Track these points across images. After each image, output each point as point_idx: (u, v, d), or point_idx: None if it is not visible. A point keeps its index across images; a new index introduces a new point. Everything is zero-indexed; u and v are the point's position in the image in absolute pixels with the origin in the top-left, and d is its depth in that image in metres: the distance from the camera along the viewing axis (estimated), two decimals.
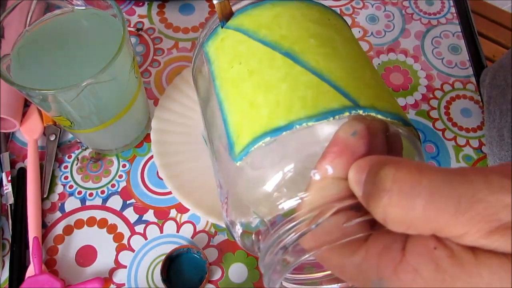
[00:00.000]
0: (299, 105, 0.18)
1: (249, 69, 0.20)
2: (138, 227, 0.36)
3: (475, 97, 0.43)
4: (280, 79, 0.19)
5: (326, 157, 0.17)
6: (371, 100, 0.18)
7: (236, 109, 0.20)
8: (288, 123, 0.18)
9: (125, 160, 0.39)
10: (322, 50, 0.20)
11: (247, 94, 0.20)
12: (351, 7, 0.49)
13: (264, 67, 0.20)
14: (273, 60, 0.20)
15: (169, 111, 0.39)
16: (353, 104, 0.18)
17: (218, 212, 0.34)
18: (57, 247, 0.35)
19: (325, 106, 0.18)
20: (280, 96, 0.19)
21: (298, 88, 0.18)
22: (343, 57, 0.20)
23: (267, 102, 0.19)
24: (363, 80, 0.20)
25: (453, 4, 0.49)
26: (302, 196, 0.18)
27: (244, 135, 0.19)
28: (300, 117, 0.18)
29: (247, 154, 0.19)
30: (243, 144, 0.19)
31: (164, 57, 0.45)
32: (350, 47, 0.22)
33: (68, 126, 0.33)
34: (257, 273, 0.35)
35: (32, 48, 0.31)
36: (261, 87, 0.19)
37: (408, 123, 0.20)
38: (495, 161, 0.38)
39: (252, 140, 0.18)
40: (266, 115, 0.19)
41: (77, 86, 0.27)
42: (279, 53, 0.20)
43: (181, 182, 0.35)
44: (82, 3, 0.33)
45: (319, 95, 0.18)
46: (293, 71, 0.19)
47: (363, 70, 0.21)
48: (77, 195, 0.37)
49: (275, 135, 0.18)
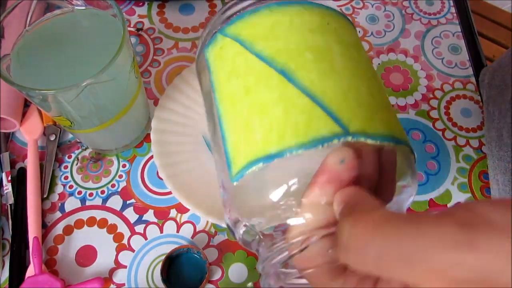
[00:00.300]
0: (291, 132, 0.19)
1: (245, 86, 0.21)
2: (138, 227, 0.36)
3: (475, 97, 0.43)
4: (274, 103, 0.20)
5: (315, 184, 0.18)
6: (362, 123, 0.19)
7: (233, 128, 0.21)
8: (279, 151, 0.19)
9: (125, 160, 0.39)
10: (318, 66, 0.20)
11: (243, 114, 0.21)
12: (351, 7, 0.49)
13: (260, 87, 0.20)
14: (269, 79, 0.20)
15: (169, 111, 0.39)
16: (343, 130, 0.18)
17: (218, 212, 0.34)
18: (57, 247, 0.35)
19: (316, 133, 0.18)
20: (274, 120, 0.19)
21: (292, 113, 0.19)
22: (339, 72, 0.20)
23: (261, 125, 0.20)
24: (357, 98, 0.20)
25: (453, 4, 0.50)
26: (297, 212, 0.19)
27: (240, 158, 0.20)
28: (291, 146, 0.18)
29: (242, 177, 0.20)
30: (238, 167, 0.20)
31: (164, 57, 0.45)
32: (348, 57, 0.22)
33: (68, 126, 0.33)
34: (257, 273, 0.34)
35: (32, 48, 0.31)
36: (256, 109, 0.20)
37: (399, 141, 0.20)
38: (494, 161, 0.38)
39: (246, 164, 0.19)
40: (260, 140, 0.19)
41: (77, 86, 0.27)
42: (274, 70, 0.20)
43: (181, 182, 0.35)
44: (82, 3, 0.33)
45: (311, 120, 0.19)
46: (288, 93, 0.20)
47: (359, 84, 0.21)
48: (77, 195, 0.37)
49: (267, 161, 0.19)
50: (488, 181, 0.39)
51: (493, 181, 0.38)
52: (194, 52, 0.45)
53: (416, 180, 0.22)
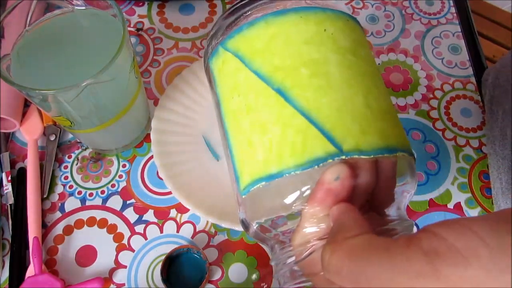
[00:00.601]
0: (289, 152, 0.20)
1: (246, 104, 0.22)
2: (138, 227, 0.36)
3: (475, 97, 0.43)
4: (273, 122, 0.21)
5: (314, 199, 0.20)
6: (356, 139, 0.20)
7: (238, 145, 0.23)
8: (278, 171, 0.20)
9: (125, 160, 0.39)
10: (313, 82, 0.21)
11: (246, 131, 0.22)
12: (351, 7, 0.49)
13: (260, 105, 0.22)
14: (267, 98, 0.22)
15: (169, 111, 0.39)
16: (337, 150, 0.20)
17: (218, 212, 0.34)
18: (57, 247, 0.35)
19: (311, 154, 0.20)
20: (274, 139, 0.21)
21: (289, 133, 0.21)
22: (335, 86, 0.21)
23: (262, 144, 0.21)
24: (352, 111, 0.21)
25: (453, 4, 0.50)
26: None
27: (245, 175, 0.22)
28: (289, 166, 0.20)
29: (249, 192, 0.22)
30: (244, 184, 0.22)
31: (164, 57, 0.45)
32: (345, 66, 0.22)
33: (68, 126, 0.33)
34: (257, 273, 0.35)
35: (32, 48, 0.31)
36: (257, 128, 0.22)
37: (395, 149, 0.21)
38: (498, 160, 0.38)
39: (251, 182, 0.21)
40: (262, 160, 0.21)
41: (77, 86, 0.27)
42: (272, 89, 0.21)
43: (181, 182, 0.35)
44: (82, 3, 0.33)
45: (307, 140, 0.20)
46: (285, 112, 0.21)
47: (355, 95, 0.21)
48: (77, 195, 0.37)
49: (268, 181, 0.21)
50: (488, 181, 0.39)
51: (496, 180, 0.38)
52: (194, 52, 0.45)
53: (415, 179, 0.23)
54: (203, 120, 0.40)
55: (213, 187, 0.36)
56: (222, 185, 0.36)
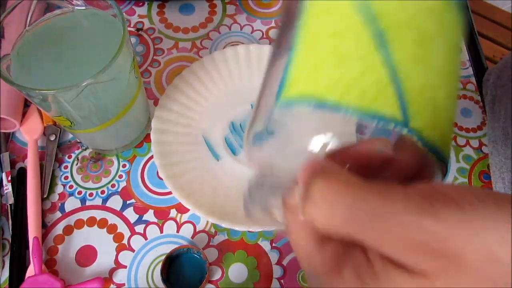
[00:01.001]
0: (357, 94, 0.18)
1: (334, 30, 0.20)
2: (138, 227, 0.36)
3: (475, 97, 0.43)
4: (355, 59, 0.19)
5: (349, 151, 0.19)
6: (424, 123, 0.19)
7: (304, 58, 0.21)
8: (335, 104, 0.18)
9: (125, 160, 0.39)
10: (415, 50, 0.20)
11: (320, 52, 0.20)
12: None
13: (349, 38, 0.20)
14: (361, 35, 0.19)
15: (169, 111, 0.39)
16: (403, 120, 0.18)
17: (218, 212, 0.34)
18: (57, 247, 0.35)
19: (378, 108, 0.18)
20: (347, 75, 0.19)
21: (366, 77, 0.19)
22: (429, 66, 0.20)
23: (332, 72, 0.19)
24: (432, 99, 0.20)
25: None
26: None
27: (295, 88, 0.20)
28: (349, 105, 0.18)
29: (287, 107, 0.20)
30: (289, 96, 0.20)
31: (164, 57, 0.45)
32: (444, 55, 0.21)
33: (68, 126, 0.33)
34: (257, 273, 0.35)
35: (32, 48, 0.31)
36: (336, 56, 0.20)
37: (442, 158, 0.20)
38: (500, 160, 0.38)
39: (299, 97, 0.19)
40: (324, 84, 0.19)
41: (77, 86, 0.27)
42: (371, 29, 0.19)
43: (181, 182, 0.35)
44: (82, 3, 0.33)
45: (380, 95, 0.18)
46: (373, 57, 0.19)
47: (440, 87, 0.20)
48: (77, 195, 0.37)
49: (319, 107, 0.19)
50: (488, 181, 0.39)
51: (498, 180, 0.38)
52: (194, 52, 0.45)
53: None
54: (203, 120, 0.40)
55: (213, 187, 0.36)
56: (222, 185, 0.36)
